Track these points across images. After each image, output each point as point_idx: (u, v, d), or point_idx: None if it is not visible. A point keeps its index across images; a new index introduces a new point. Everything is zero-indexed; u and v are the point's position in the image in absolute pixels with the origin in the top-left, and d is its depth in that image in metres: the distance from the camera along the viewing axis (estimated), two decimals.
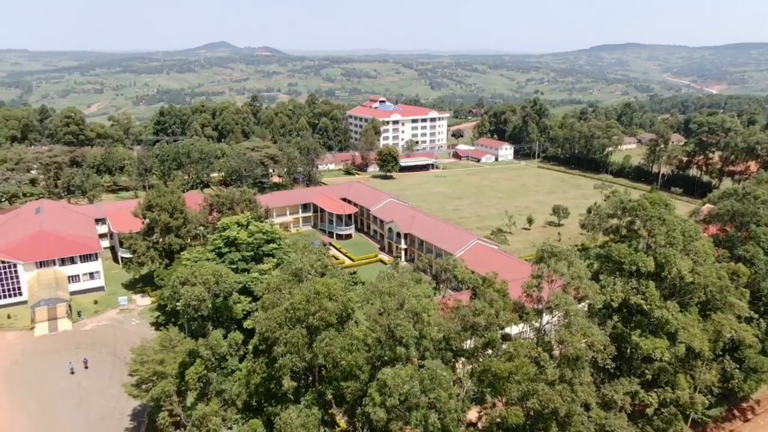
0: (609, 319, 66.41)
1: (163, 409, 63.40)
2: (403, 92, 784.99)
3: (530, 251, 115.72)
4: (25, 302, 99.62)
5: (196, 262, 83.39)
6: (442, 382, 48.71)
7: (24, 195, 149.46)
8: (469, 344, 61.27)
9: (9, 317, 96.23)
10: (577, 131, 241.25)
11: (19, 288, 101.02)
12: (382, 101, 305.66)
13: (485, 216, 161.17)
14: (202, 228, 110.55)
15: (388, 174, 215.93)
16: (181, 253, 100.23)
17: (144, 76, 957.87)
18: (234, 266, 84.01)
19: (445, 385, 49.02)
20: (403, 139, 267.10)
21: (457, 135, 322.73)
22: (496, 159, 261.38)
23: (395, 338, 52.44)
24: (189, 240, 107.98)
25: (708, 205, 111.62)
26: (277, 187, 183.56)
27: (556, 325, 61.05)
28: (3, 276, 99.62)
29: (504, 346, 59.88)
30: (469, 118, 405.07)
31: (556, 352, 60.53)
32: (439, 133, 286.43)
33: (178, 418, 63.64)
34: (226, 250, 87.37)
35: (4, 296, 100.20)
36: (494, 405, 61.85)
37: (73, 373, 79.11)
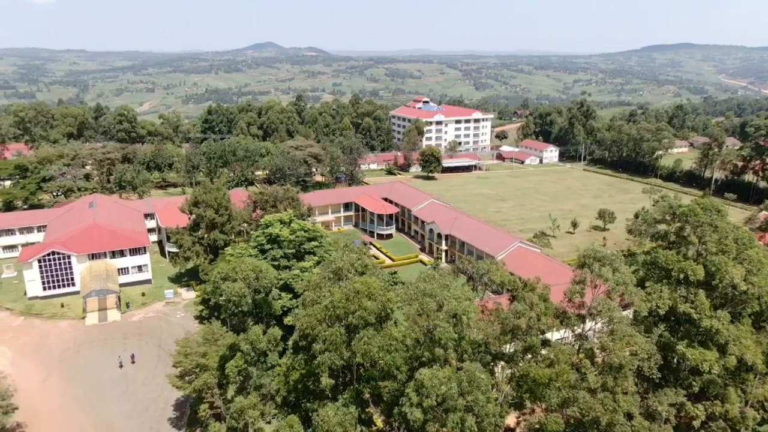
0: (655, 327, 64.51)
1: (204, 400, 64.91)
2: (446, 93, 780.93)
3: (574, 255, 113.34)
4: (77, 292, 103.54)
5: (239, 257, 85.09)
6: (480, 385, 48.25)
7: (78, 189, 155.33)
8: (508, 348, 60.53)
9: (62, 306, 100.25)
10: (625, 134, 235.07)
11: (72, 279, 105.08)
12: (425, 102, 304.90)
13: (528, 219, 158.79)
14: (246, 225, 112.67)
15: (430, 174, 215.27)
16: (225, 248, 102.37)
17: (193, 76, 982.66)
18: (276, 263, 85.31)
19: (483, 389, 48.55)
20: (446, 140, 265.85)
21: (501, 136, 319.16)
22: (541, 161, 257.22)
23: (434, 339, 52.25)
24: (233, 236, 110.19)
25: (765, 212, 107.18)
26: (320, 185, 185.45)
27: (598, 332, 59.69)
28: (58, 267, 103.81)
29: (544, 352, 58.90)
30: (514, 119, 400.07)
31: (599, 360, 59.19)
32: (482, 134, 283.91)
33: (219, 411, 65.02)
34: (269, 246, 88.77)
35: (59, 286, 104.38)
36: (533, 411, 60.98)
37: (121, 366, 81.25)
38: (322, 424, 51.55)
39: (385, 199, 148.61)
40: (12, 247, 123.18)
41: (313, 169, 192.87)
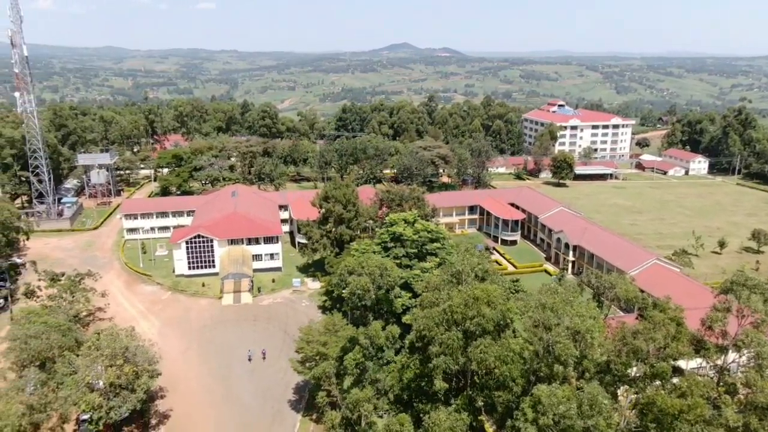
0: None
1: (322, 388, 67.77)
2: (584, 96, 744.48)
3: (719, 278, 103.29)
4: (216, 274, 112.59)
5: (363, 253, 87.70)
6: (602, 409, 45.65)
7: (223, 179, 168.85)
8: (633, 371, 56.62)
9: (203, 285, 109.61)
10: None
11: (213, 261, 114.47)
12: (560, 105, 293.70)
13: (667, 234, 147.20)
14: (371, 221, 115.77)
15: (561, 181, 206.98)
16: (351, 243, 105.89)
17: (331, 75, 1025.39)
18: (398, 261, 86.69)
19: (605, 414, 45.90)
20: (580, 146, 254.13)
21: (642, 144, 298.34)
22: (686, 172, 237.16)
23: (554, 355, 50.27)
24: (358, 232, 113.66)
25: None
26: (446, 187, 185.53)
27: (743, 367, 53.95)
28: (202, 249, 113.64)
29: (675, 380, 54.32)
30: (658, 126, 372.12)
31: (741, 397, 53.52)
32: (621, 141, 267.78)
33: (335, 399, 67.52)
34: (392, 245, 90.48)
35: (201, 267, 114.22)
36: None
37: (250, 360, 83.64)
38: (433, 427, 51.67)
39: (512, 204, 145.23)
40: (165, 228, 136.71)
41: (440, 170, 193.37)
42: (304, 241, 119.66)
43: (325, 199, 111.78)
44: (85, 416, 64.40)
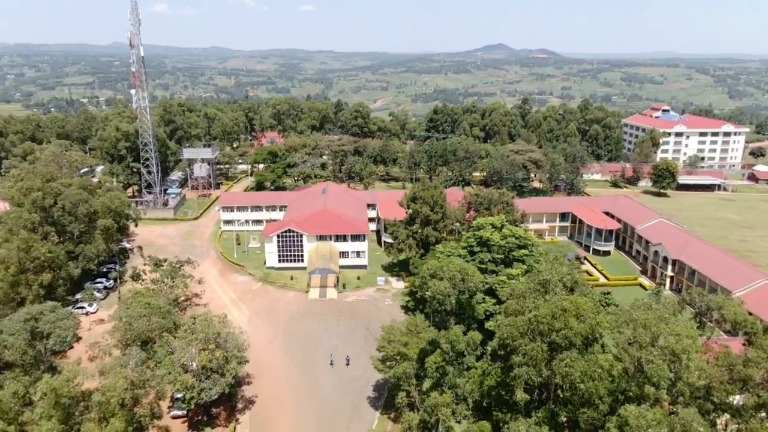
0: None
1: (402, 388, 68.02)
2: (692, 101, 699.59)
3: None
4: (304, 268, 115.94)
5: (448, 256, 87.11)
6: None
7: (315, 176, 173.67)
8: (736, 400, 52.46)
9: (291, 279, 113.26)
10: None
11: (301, 256, 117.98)
12: (665, 110, 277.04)
13: None
14: (458, 224, 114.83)
15: (661, 191, 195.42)
16: (436, 245, 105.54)
17: (424, 76, 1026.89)
18: (483, 266, 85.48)
19: None
20: (685, 154, 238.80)
21: (757, 154, 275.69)
22: None
23: (645, 375, 47.58)
24: (445, 234, 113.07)
25: None
26: (537, 192, 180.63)
27: None
28: (292, 243, 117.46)
29: None
30: None
31: None
32: (732, 150, 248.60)
33: (413, 400, 67.59)
34: (478, 249, 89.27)
35: (290, 260, 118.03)
36: None
37: (332, 364, 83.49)
38: None
39: (607, 213, 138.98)
40: (259, 222, 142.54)
41: (532, 175, 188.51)
42: (390, 240, 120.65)
43: (413, 199, 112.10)
44: (179, 395, 68.54)
